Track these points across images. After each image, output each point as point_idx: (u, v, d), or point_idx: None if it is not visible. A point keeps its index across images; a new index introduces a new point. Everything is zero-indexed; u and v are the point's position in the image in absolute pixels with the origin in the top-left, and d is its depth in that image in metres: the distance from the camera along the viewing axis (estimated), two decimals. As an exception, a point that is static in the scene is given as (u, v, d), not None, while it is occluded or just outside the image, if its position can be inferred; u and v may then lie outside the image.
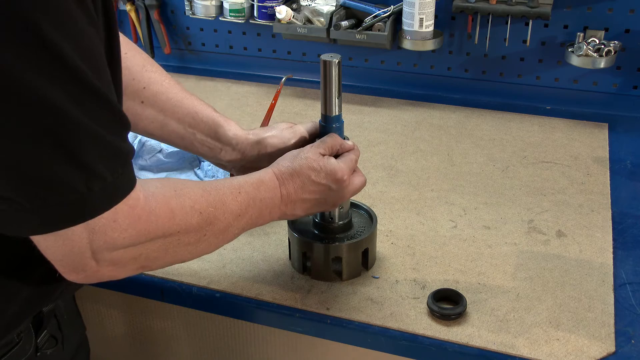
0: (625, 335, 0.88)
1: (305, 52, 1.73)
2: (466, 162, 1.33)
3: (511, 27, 1.52)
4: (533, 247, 1.06)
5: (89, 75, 0.57)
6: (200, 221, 0.72)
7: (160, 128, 0.96)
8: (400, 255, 1.04)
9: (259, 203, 0.82)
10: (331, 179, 0.87)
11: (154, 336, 1.14)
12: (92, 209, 0.61)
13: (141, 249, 0.67)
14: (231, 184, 0.79)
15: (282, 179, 0.85)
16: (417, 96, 1.63)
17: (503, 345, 0.87)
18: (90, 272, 0.65)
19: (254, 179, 0.83)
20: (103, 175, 0.60)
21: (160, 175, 1.25)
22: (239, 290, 0.97)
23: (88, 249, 0.63)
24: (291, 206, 0.86)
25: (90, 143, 0.58)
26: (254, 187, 0.81)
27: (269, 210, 0.84)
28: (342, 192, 0.89)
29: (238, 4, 1.66)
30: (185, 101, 0.97)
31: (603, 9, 1.45)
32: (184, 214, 0.70)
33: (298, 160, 0.87)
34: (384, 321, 0.91)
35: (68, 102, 0.56)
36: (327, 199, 0.89)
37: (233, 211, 0.77)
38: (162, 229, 0.68)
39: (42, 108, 0.55)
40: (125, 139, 0.63)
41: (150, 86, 0.95)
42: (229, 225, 0.77)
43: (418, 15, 1.47)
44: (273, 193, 0.84)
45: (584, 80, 1.54)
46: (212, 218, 0.74)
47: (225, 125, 0.97)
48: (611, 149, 1.37)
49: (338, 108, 0.90)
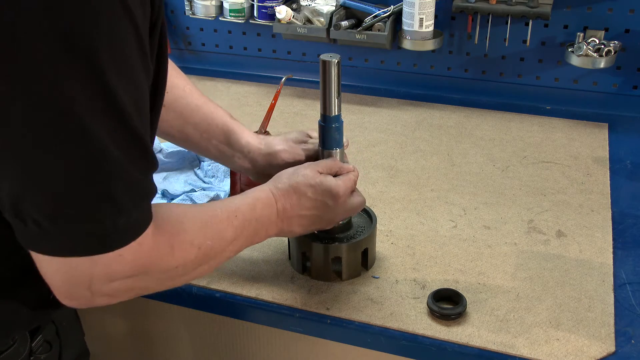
0: (625, 335, 0.88)
1: (305, 52, 1.73)
2: (466, 162, 1.33)
3: (511, 27, 1.52)
4: (533, 247, 1.06)
5: (133, 118, 0.59)
6: (197, 255, 0.73)
7: (179, 132, 0.98)
8: (400, 255, 1.04)
9: (255, 223, 0.82)
10: (328, 195, 0.88)
11: (154, 336, 1.14)
12: (113, 243, 0.62)
13: (138, 281, 0.68)
14: (228, 208, 0.80)
15: (279, 196, 0.86)
16: (417, 96, 1.63)
17: (503, 345, 0.87)
18: (83, 301, 0.66)
19: (250, 199, 0.84)
20: (129, 212, 0.61)
21: (160, 175, 1.25)
22: (239, 290, 0.97)
23: (87, 280, 0.63)
24: (288, 222, 0.87)
25: (123, 181, 0.60)
26: (249, 207, 0.82)
27: (265, 229, 0.85)
28: (338, 209, 0.90)
29: (238, 4, 1.66)
30: (202, 107, 0.98)
31: (603, 9, 1.45)
32: (182, 250, 0.71)
33: (295, 177, 0.87)
34: (384, 321, 0.91)
35: (109, 139, 0.57)
36: (323, 215, 0.89)
37: (229, 237, 0.79)
38: (160, 265, 0.69)
39: (84, 140, 0.56)
40: (151, 180, 0.65)
41: (172, 90, 0.96)
42: (224, 251, 0.79)
43: (418, 15, 1.47)
44: (269, 210, 0.84)
45: (584, 80, 1.54)
46: (209, 250, 0.75)
47: (238, 133, 0.98)
48: (611, 149, 1.37)
49: (337, 108, 0.90)
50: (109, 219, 0.60)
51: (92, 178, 0.58)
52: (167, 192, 1.18)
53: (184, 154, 1.27)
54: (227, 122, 0.99)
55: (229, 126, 0.98)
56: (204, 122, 0.98)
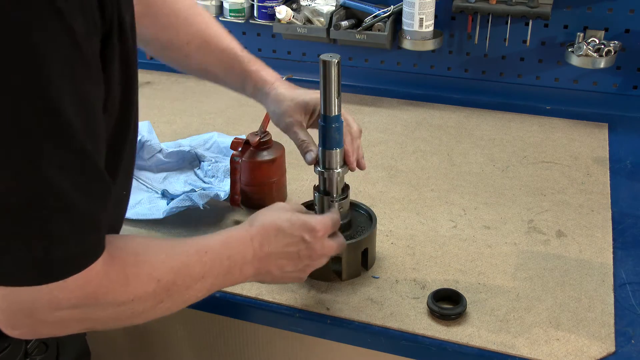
0: (625, 335, 0.88)
1: (305, 52, 1.73)
2: (466, 162, 1.33)
3: (511, 27, 1.52)
4: (533, 247, 1.06)
5: (82, 141, 0.57)
6: (157, 289, 0.69)
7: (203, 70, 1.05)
8: (400, 255, 1.04)
9: (227, 261, 0.78)
10: (305, 229, 0.84)
11: (154, 336, 1.14)
12: (46, 276, 0.59)
13: (88, 313, 0.65)
14: (198, 243, 0.77)
15: (255, 233, 0.82)
16: (417, 96, 1.63)
17: (503, 345, 0.87)
18: (25, 330, 0.64)
19: (223, 236, 0.80)
20: (68, 245, 0.59)
21: (161, 175, 1.25)
22: (239, 290, 0.97)
23: (29, 308, 0.61)
24: (265, 262, 0.82)
25: (64, 211, 0.58)
26: (221, 244, 0.79)
27: (239, 268, 0.80)
28: (315, 245, 0.85)
29: (238, 4, 1.66)
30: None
31: (603, 9, 1.45)
32: (139, 282, 0.68)
33: (270, 215, 0.85)
34: (384, 321, 0.91)
35: (51, 164, 0.55)
36: (300, 252, 0.84)
37: (196, 274, 0.74)
38: (112, 296, 0.65)
39: (23, 166, 0.55)
40: (104, 206, 0.62)
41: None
42: (190, 287, 0.74)
43: (418, 15, 1.47)
44: (244, 248, 0.80)
45: (584, 80, 1.54)
46: (171, 284, 0.71)
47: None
48: (611, 149, 1.37)
49: (337, 108, 0.90)
50: (39, 251, 0.57)
51: (25, 210, 0.56)
52: (167, 192, 1.18)
53: (184, 154, 1.27)
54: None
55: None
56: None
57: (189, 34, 1.02)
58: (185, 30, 1.02)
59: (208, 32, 1.03)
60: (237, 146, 1.12)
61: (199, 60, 1.04)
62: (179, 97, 1.66)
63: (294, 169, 1.26)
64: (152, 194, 1.19)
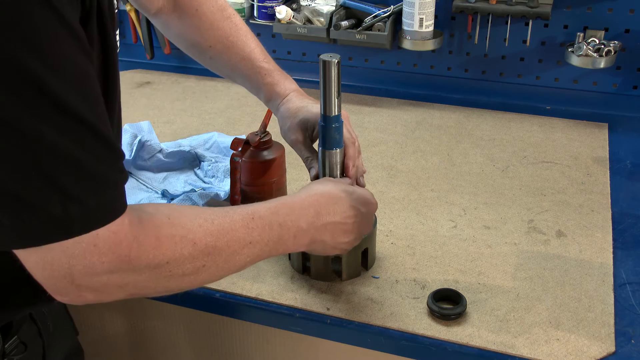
0: (625, 335, 0.88)
1: (305, 52, 1.73)
2: (466, 162, 1.33)
3: (511, 27, 1.52)
4: (533, 247, 1.06)
5: (77, 107, 0.58)
6: (193, 251, 0.69)
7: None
8: (400, 255, 1.04)
9: (278, 228, 0.78)
10: (362, 202, 0.88)
11: (153, 336, 1.14)
12: (69, 231, 0.60)
13: (126, 277, 0.65)
14: (244, 210, 0.77)
15: (312, 202, 0.83)
16: (417, 96, 1.63)
17: (503, 345, 0.87)
18: (73, 296, 0.65)
19: (274, 204, 0.80)
20: (84, 201, 0.60)
21: (161, 175, 1.25)
22: (239, 290, 0.97)
23: (68, 274, 0.62)
24: (322, 231, 0.83)
25: (72, 170, 0.59)
26: (271, 211, 0.78)
27: (293, 235, 0.80)
28: (369, 218, 0.90)
29: (238, 4, 1.66)
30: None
31: (603, 9, 1.45)
32: (172, 243, 0.67)
33: (328, 183, 0.88)
34: (384, 321, 0.91)
35: (51, 132, 0.57)
36: (355, 224, 0.87)
37: (241, 239, 0.74)
38: (146, 258, 0.66)
39: (25, 138, 0.56)
40: (116, 168, 0.63)
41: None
42: (236, 253, 0.74)
43: (418, 15, 1.47)
44: (297, 216, 0.80)
45: (584, 80, 1.54)
46: (211, 248, 0.71)
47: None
48: (611, 149, 1.37)
49: (337, 108, 0.90)
50: (57, 208, 0.59)
51: (36, 170, 0.57)
52: (167, 192, 1.18)
53: (184, 154, 1.27)
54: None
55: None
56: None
57: (212, 38, 1.03)
58: (210, 34, 1.03)
59: (231, 39, 1.03)
60: (237, 146, 1.12)
61: (222, 65, 1.05)
62: (179, 97, 1.66)
63: (294, 169, 1.26)
64: (152, 194, 1.20)
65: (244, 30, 1.05)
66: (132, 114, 1.54)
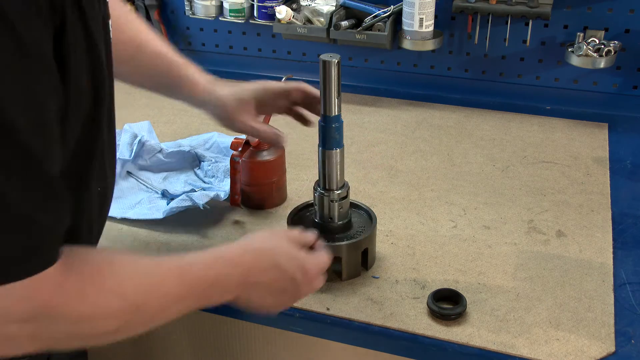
0: (625, 335, 0.88)
1: (305, 52, 1.73)
2: (466, 162, 1.33)
3: (511, 27, 1.52)
4: (533, 247, 1.06)
5: (21, 133, 0.53)
6: (122, 306, 0.64)
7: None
8: (400, 255, 1.04)
9: (210, 283, 0.74)
10: (300, 268, 0.81)
11: (153, 336, 1.14)
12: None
13: (40, 328, 0.60)
14: (180, 262, 0.72)
15: (247, 259, 0.78)
16: (417, 96, 1.63)
17: (503, 345, 0.87)
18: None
19: (212, 257, 0.76)
20: (6, 246, 0.55)
21: (160, 175, 1.25)
22: (239, 290, 0.97)
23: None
24: (248, 290, 0.78)
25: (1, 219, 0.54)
26: (207, 266, 0.74)
27: (220, 293, 0.76)
28: (303, 287, 0.83)
29: (238, 4, 1.66)
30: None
31: (603, 9, 1.45)
32: (100, 296, 0.62)
33: (271, 239, 0.82)
34: (384, 321, 0.91)
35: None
36: (286, 289, 0.82)
37: (173, 294, 0.70)
38: (66, 309, 0.60)
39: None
40: (46, 209, 0.58)
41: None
42: (165, 309, 0.70)
43: (418, 15, 1.47)
44: (228, 273, 0.76)
45: (584, 80, 1.54)
46: (141, 304, 0.66)
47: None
48: (611, 149, 1.37)
49: (337, 108, 0.90)
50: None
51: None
52: (167, 192, 1.18)
53: (184, 154, 1.27)
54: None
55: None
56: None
57: (120, 42, 0.95)
58: (117, 37, 0.99)
59: (140, 36, 1.00)
60: (237, 146, 1.12)
61: (134, 66, 1.00)
62: (179, 97, 1.66)
63: (294, 169, 1.26)
64: (152, 194, 1.20)
65: (150, 30, 1.02)
66: (132, 114, 1.54)
